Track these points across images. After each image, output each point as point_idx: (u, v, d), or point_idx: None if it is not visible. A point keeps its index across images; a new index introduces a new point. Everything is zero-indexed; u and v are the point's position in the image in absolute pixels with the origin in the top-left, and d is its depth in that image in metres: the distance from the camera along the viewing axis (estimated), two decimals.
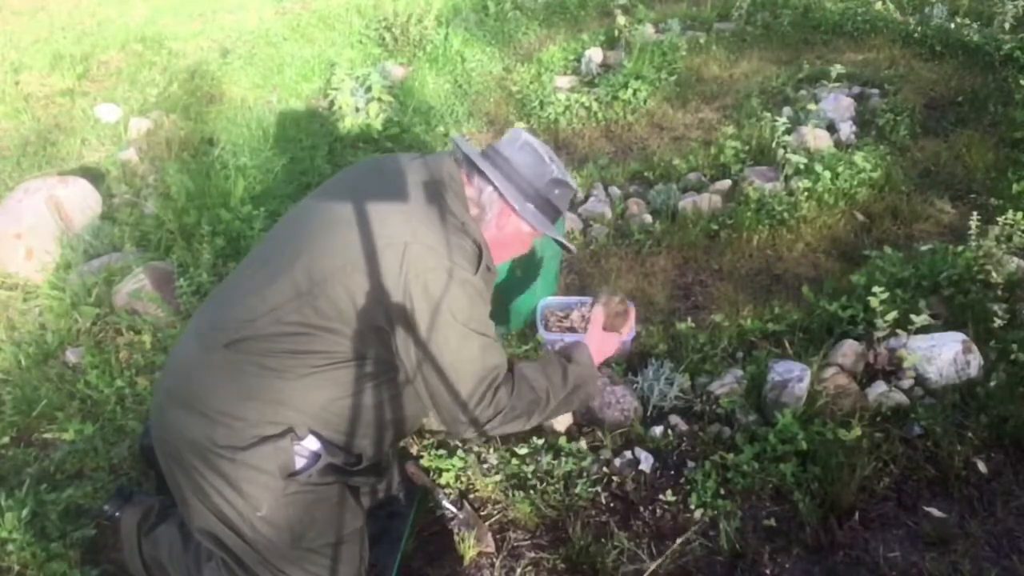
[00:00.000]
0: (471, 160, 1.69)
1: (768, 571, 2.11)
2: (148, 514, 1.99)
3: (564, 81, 5.35)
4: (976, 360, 2.62)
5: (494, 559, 2.16)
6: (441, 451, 2.43)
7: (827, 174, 3.76)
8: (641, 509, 2.29)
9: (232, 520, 1.64)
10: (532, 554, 2.17)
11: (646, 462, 2.40)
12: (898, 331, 2.64)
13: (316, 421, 1.63)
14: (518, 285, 2.94)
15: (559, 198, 1.76)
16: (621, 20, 5.67)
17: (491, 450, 2.45)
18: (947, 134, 4.36)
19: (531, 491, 2.30)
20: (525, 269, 2.90)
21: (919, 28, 5.41)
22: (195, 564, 1.82)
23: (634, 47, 5.35)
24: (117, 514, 2.01)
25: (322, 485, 1.68)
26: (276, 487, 1.62)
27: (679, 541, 2.18)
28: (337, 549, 1.73)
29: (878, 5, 5.77)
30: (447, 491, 2.31)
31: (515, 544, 2.21)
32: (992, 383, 2.54)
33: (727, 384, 2.63)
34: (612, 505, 2.31)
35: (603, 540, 2.17)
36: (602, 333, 2.00)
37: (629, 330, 2.07)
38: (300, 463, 1.64)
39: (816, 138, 4.18)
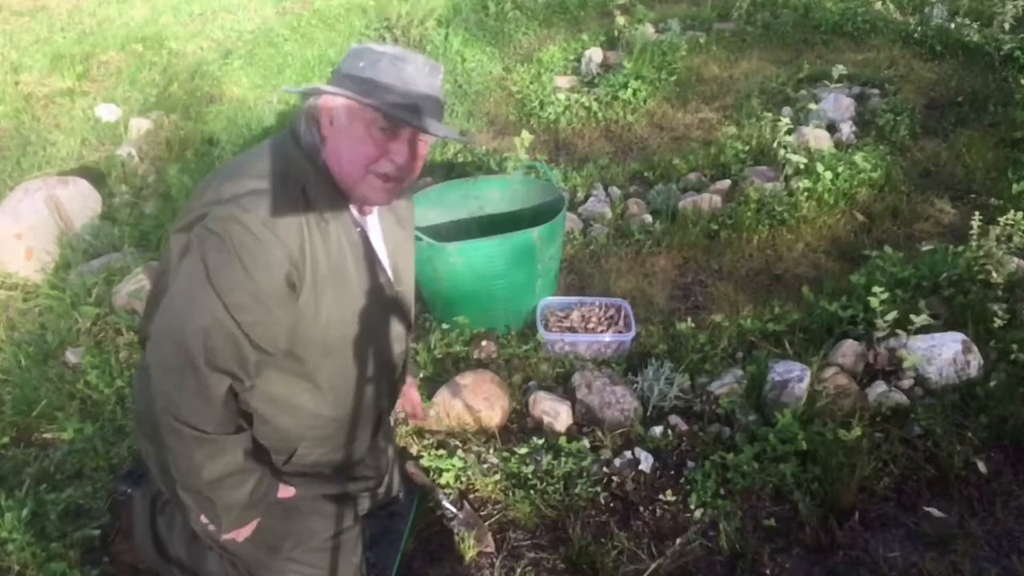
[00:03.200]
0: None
1: (768, 571, 2.11)
2: (161, 492, 1.97)
3: (564, 81, 5.35)
4: (976, 360, 2.62)
5: (494, 559, 2.16)
6: (441, 451, 2.43)
7: (827, 174, 3.76)
8: (641, 509, 2.29)
9: (210, 534, 1.63)
10: (532, 554, 2.17)
11: (646, 462, 2.40)
12: (898, 331, 2.64)
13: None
14: (518, 285, 2.95)
15: (370, 68, 1.38)
16: (621, 20, 5.67)
17: (491, 450, 2.45)
18: (947, 134, 4.36)
19: (531, 491, 2.30)
20: (525, 269, 2.90)
21: (919, 28, 5.42)
22: (201, 550, 1.82)
23: (634, 47, 5.35)
24: (130, 491, 2.00)
25: (287, 499, 1.63)
26: None
27: (679, 541, 2.18)
28: (326, 555, 1.72)
29: (878, 5, 5.78)
30: (447, 491, 2.31)
31: (515, 544, 2.21)
32: (992, 383, 2.54)
33: (727, 384, 2.63)
34: (612, 505, 2.31)
35: (603, 540, 2.17)
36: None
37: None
38: None
39: (816, 138, 4.18)
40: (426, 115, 1.40)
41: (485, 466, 2.39)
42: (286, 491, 1.63)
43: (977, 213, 3.14)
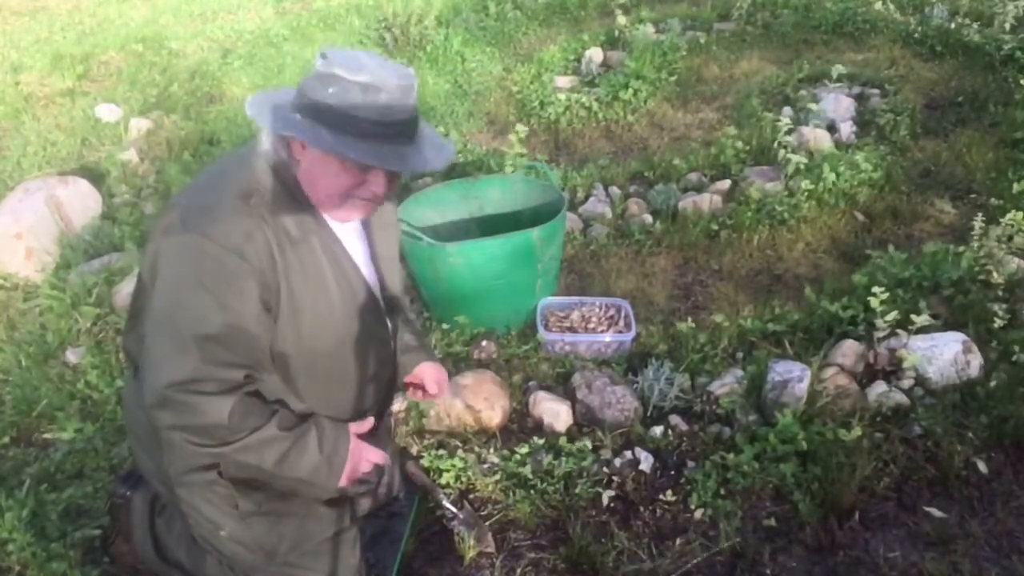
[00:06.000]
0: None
1: (768, 571, 2.11)
2: (160, 494, 1.97)
3: (564, 81, 5.35)
4: (976, 360, 2.62)
5: (494, 559, 2.16)
6: (441, 451, 2.43)
7: (828, 174, 3.76)
8: (641, 509, 2.29)
9: (207, 539, 1.63)
10: (532, 554, 2.17)
11: (646, 462, 2.40)
12: (898, 331, 2.64)
13: None
14: (518, 285, 2.95)
15: (341, 97, 1.30)
16: (621, 20, 5.67)
17: (491, 450, 2.45)
18: (947, 134, 4.36)
19: (531, 491, 2.30)
20: (525, 269, 2.90)
21: (919, 28, 5.41)
22: (200, 553, 1.81)
23: (634, 47, 5.35)
24: (128, 493, 2.00)
25: (281, 503, 1.61)
26: (231, 512, 1.57)
27: (679, 541, 2.18)
28: (325, 557, 1.71)
29: (878, 5, 5.77)
30: (447, 491, 2.31)
31: (515, 544, 2.21)
32: (992, 383, 2.54)
33: (727, 384, 2.63)
34: (612, 505, 2.30)
35: (603, 540, 2.17)
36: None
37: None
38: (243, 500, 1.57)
39: (817, 138, 4.18)
40: (402, 143, 1.36)
41: (485, 466, 2.39)
42: (361, 426, 1.59)
43: (980, 214, 3.14)
